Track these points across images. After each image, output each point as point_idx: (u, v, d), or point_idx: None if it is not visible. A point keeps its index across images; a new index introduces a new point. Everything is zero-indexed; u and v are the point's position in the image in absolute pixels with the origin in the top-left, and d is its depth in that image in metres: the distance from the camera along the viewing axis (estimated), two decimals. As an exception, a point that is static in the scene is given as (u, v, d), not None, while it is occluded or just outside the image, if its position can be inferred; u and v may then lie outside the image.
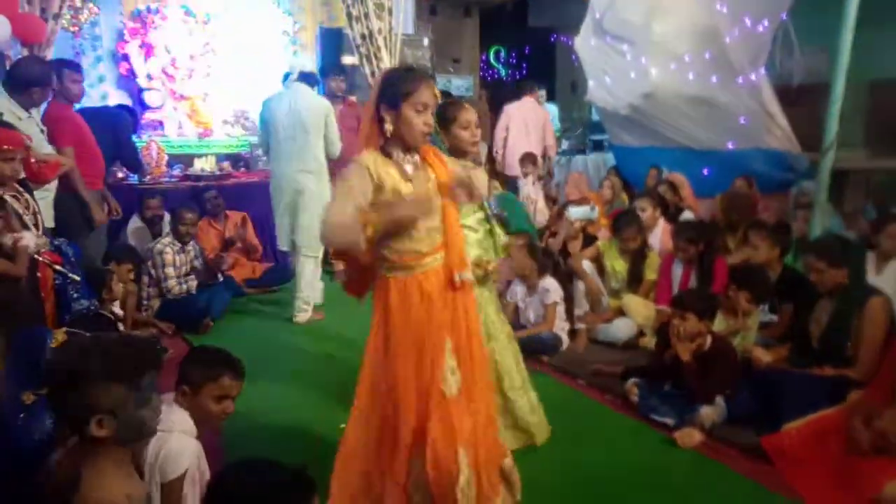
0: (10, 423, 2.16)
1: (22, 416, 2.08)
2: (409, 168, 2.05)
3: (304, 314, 4.62)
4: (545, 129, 7.02)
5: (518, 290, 4.08)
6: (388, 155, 2.04)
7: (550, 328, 3.92)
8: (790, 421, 2.69)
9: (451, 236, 2.06)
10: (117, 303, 4.02)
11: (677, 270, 3.97)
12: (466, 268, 2.08)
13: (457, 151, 2.61)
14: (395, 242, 2.03)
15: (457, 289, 2.06)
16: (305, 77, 4.66)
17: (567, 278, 4.30)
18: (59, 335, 2.23)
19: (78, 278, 2.89)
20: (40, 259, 2.73)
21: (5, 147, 2.72)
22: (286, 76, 5.00)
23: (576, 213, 4.70)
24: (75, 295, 2.87)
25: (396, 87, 1.99)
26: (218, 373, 2.09)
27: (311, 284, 4.68)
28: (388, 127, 1.99)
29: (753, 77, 4.85)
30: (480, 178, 2.28)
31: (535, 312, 4.01)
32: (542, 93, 7.92)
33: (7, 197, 2.71)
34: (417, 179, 2.05)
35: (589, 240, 4.74)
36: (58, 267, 2.81)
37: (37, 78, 3.65)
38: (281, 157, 4.55)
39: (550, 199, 6.50)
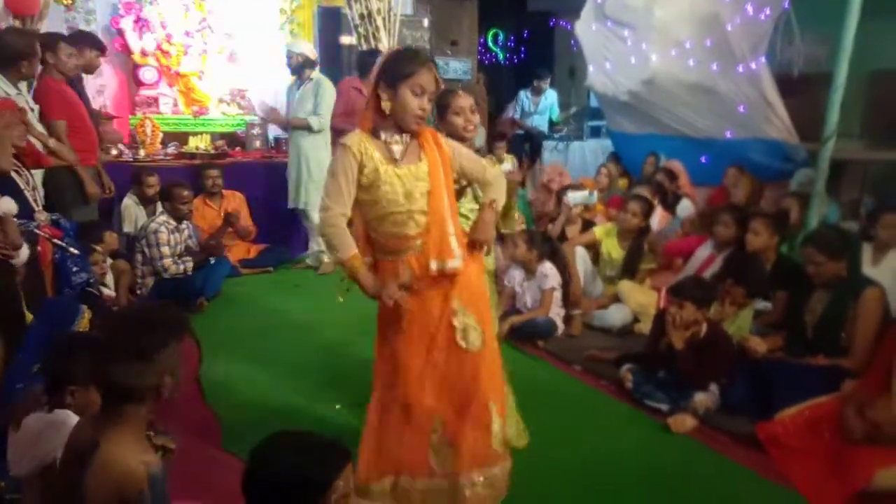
0: (9, 387, 2.17)
1: (21, 385, 2.08)
2: (397, 149, 2.06)
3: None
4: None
5: (516, 274, 4.08)
6: (376, 136, 2.06)
7: (546, 313, 3.93)
8: (784, 409, 2.71)
9: (433, 225, 2.05)
10: (109, 280, 4.02)
11: (702, 252, 3.96)
12: (450, 257, 2.05)
13: (452, 138, 2.58)
14: (381, 226, 2.06)
15: (437, 276, 2.06)
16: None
17: (565, 264, 4.30)
18: (87, 312, 2.24)
19: (77, 252, 2.88)
20: (40, 233, 2.70)
21: (5, 112, 2.70)
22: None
23: (575, 198, 4.70)
24: (75, 269, 2.85)
25: (397, 67, 2.00)
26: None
27: None
28: (386, 104, 2.01)
29: (754, 66, 4.82)
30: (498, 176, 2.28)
31: (532, 297, 4.01)
32: (547, 78, 7.88)
33: (11, 171, 2.69)
34: (407, 161, 2.06)
35: (587, 225, 4.74)
36: (57, 241, 2.78)
37: (23, 50, 3.57)
38: None
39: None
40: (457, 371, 2.10)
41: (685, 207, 4.99)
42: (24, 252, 2.53)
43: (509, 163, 6.32)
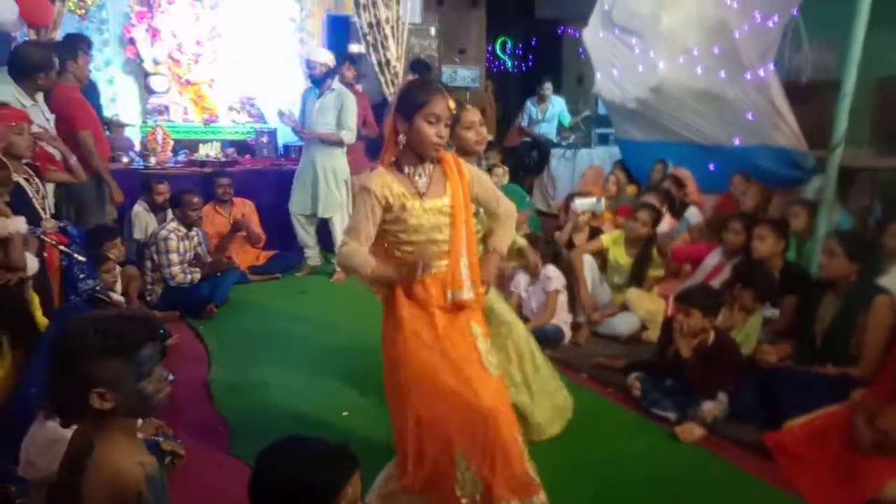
0: (23, 392, 2.20)
1: (35, 390, 2.11)
2: (421, 182, 2.09)
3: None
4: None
5: (521, 279, 4.08)
6: (399, 169, 2.09)
7: (551, 316, 3.91)
8: (792, 418, 2.70)
9: (453, 255, 2.09)
10: (118, 287, 4.05)
11: (711, 260, 3.95)
12: (459, 289, 2.08)
13: (462, 152, 2.63)
14: (405, 248, 2.09)
15: (451, 307, 2.08)
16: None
17: (570, 269, 4.30)
18: None
19: (83, 259, 2.90)
20: (47, 240, 2.73)
21: (13, 123, 2.75)
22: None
23: (582, 204, 4.68)
24: (81, 275, 2.88)
25: (410, 99, 2.03)
26: None
27: None
28: (401, 138, 2.05)
29: (762, 73, 4.80)
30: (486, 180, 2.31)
31: (537, 302, 4.01)
32: (548, 85, 7.91)
33: (20, 180, 2.72)
34: (432, 194, 2.08)
35: (594, 233, 4.73)
36: (63, 248, 2.81)
37: (40, 63, 3.63)
38: None
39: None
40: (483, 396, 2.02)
41: (693, 215, 4.98)
42: (34, 263, 2.54)
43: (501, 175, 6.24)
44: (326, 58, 5.19)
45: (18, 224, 2.49)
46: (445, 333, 2.06)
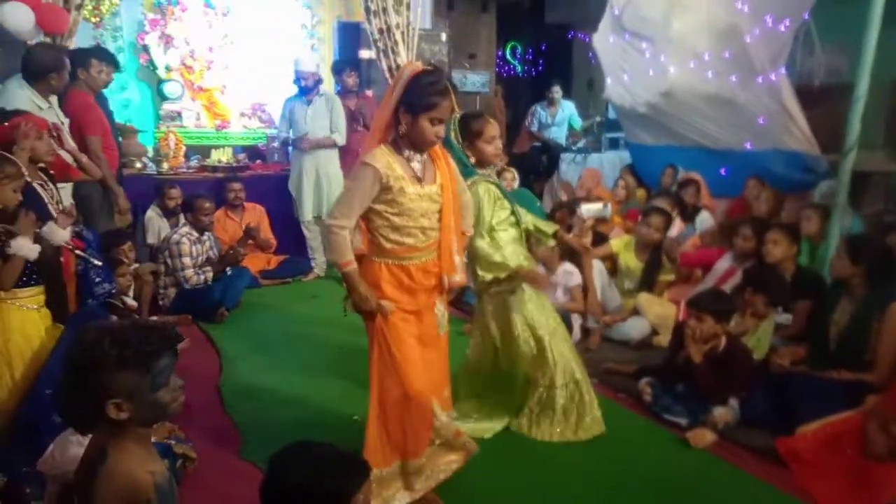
0: (39, 393, 2.22)
1: (50, 391, 2.13)
2: (418, 167, 2.17)
3: None
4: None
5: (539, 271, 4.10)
6: (399, 151, 2.15)
7: (580, 308, 3.99)
8: (805, 423, 2.68)
9: (443, 243, 2.21)
10: (131, 291, 4.09)
11: (722, 265, 3.93)
12: (454, 273, 2.25)
13: (479, 164, 2.67)
14: (391, 234, 2.16)
15: (443, 288, 2.27)
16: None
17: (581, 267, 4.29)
18: None
19: (99, 263, 2.92)
20: (63, 245, 2.76)
21: (42, 129, 2.80)
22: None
23: (588, 210, 4.65)
24: (97, 279, 2.90)
25: (419, 96, 2.07)
26: None
27: None
28: (403, 128, 2.11)
29: (773, 77, 4.78)
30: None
31: (550, 297, 4.00)
32: (557, 88, 7.91)
33: (35, 185, 2.75)
34: (426, 181, 2.18)
35: (600, 239, 4.71)
36: (80, 252, 2.83)
37: (52, 64, 3.68)
38: None
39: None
40: (439, 352, 2.35)
41: (704, 220, 4.96)
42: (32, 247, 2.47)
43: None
44: (314, 67, 5.49)
45: (29, 251, 2.44)
46: (421, 308, 2.24)
